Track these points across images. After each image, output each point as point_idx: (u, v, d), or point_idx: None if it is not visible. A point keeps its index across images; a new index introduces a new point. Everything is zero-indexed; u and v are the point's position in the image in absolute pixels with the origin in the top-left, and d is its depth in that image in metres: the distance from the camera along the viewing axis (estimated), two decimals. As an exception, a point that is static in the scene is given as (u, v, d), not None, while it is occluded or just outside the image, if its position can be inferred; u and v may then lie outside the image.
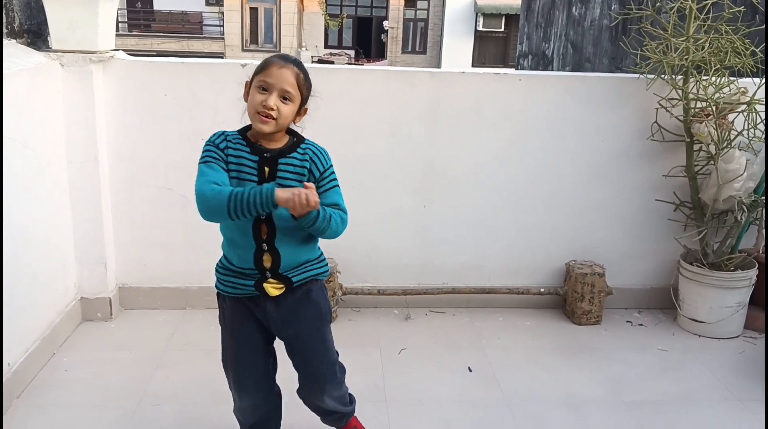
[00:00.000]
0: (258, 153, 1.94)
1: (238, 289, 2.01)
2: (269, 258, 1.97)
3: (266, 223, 1.93)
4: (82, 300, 3.25)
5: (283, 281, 2.00)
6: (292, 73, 1.89)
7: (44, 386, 2.72)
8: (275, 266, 1.98)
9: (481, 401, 2.75)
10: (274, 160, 1.93)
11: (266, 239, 1.95)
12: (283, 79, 1.88)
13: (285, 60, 1.92)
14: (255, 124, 1.91)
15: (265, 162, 1.93)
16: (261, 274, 1.98)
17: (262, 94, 1.88)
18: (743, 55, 3.17)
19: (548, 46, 7.91)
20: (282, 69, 1.88)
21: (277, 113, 1.88)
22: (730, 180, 3.20)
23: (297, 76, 1.91)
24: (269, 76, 1.88)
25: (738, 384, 2.96)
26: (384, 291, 3.48)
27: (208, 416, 2.58)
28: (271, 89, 1.88)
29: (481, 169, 3.43)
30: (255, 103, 1.88)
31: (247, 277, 1.99)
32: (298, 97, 1.92)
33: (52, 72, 2.94)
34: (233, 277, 2.01)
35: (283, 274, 2.00)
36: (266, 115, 1.88)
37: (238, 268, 2.00)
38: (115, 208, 3.28)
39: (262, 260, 1.97)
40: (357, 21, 27.68)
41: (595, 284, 3.41)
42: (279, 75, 1.88)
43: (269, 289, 2.00)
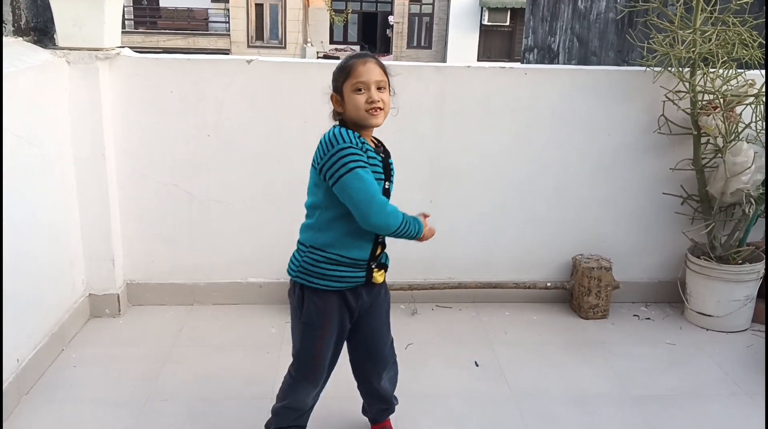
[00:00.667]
0: (378, 153, 2.09)
1: (347, 281, 2.09)
2: (380, 248, 2.14)
3: None
4: (90, 296, 3.27)
5: (383, 268, 2.19)
6: (376, 64, 2.01)
7: (53, 382, 2.74)
8: (379, 255, 2.15)
9: (488, 396, 2.76)
10: (387, 162, 2.11)
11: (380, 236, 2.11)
12: (372, 73, 1.99)
13: (363, 57, 2.01)
14: (368, 121, 2.01)
15: (386, 163, 2.10)
16: (369, 264, 2.11)
17: (361, 94, 1.98)
18: (751, 47, 3.15)
19: (554, 40, 7.88)
20: (366, 65, 1.99)
21: (382, 103, 2.00)
22: (737, 173, 3.18)
23: (381, 65, 2.02)
24: (360, 76, 1.98)
25: (746, 378, 2.95)
26: (390, 286, 3.46)
27: (216, 411, 2.59)
28: (368, 86, 1.98)
29: (487, 163, 3.43)
30: (359, 104, 1.98)
31: (358, 268, 2.09)
32: (387, 82, 2.03)
33: (59, 69, 2.95)
34: (347, 269, 2.07)
35: (380, 261, 2.17)
36: (375, 109, 1.99)
37: (353, 261, 2.08)
38: (122, 204, 3.29)
39: (376, 251, 2.12)
40: (362, 16, 27.64)
41: (602, 278, 3.41)
42: (367, 71, 1.98)
43: (377, 277, 2.15)
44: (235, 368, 2.88)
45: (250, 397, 2.67)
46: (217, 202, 3.35)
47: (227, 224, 3.39)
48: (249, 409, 2.59)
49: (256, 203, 3.37)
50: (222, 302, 3.47)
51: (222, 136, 3.26)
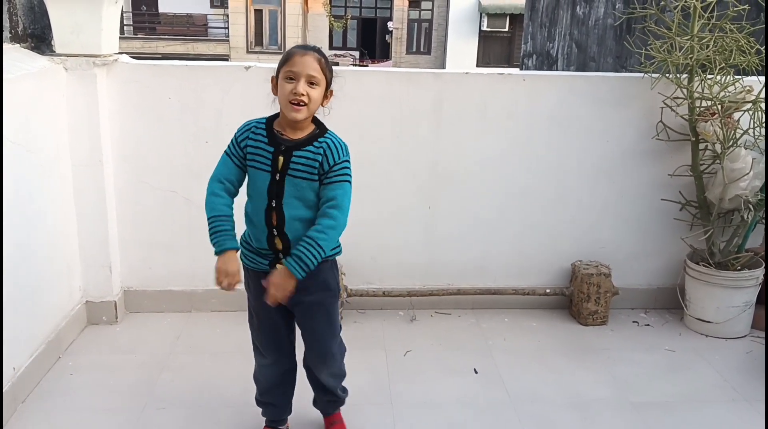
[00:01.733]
0: (275, 144, 2.06)
1: (256, 265, 2.18)
2: (280, 242, 2.10)
3: (276, 210, 2.07)
4: (88, 303, 3.26)
5: None
6: (314, 59, 2.00)
7: (50, 390, 2.73)
8: (286, 249, 2.10)
9: (487, 403, 2.75)
10: (289, 152, 2.05)
11: (276, 226, 2.08)
12: (307, 66, 1.99)
13: (305, 48, 2.03)
14: (288, 113, 2.02)
15: (279, 153, 2.05)
16: (275, 254, 2.13)
17: (290, 83, 2.00)
18: (748, 54, 3.15)
19: (553, 46, 7.89)
20: (304, 56, 1.99)
21: (308, 98, 1.99)
22: (736, 179, 3.18)
23: (319, 61, 2.02)
24: (294, 65, 1.99)
25: (746, 384, 2.94)
26: (389, 292, 3.48)
27: (214, 419, 2.58)
28: (298, 77, 1.99)
29: (485, 169, 3.42)
30: (285, 93, 2.00)
31: (263, 256, 2.15)
32: (323, 80, 2.03)
33: (56, 76, 2.95)
34: (253, 254, 2.18)
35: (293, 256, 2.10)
36: (297, 103, 1.99)
37: (255, 247, 2.15)
38: (120, 211, 3.28)
39: (274, 243, 2.11)
40: (361, 22, 27.69)
41: (601, 284, 3.40)
42: (302, 62, 1.99)
43: None
44: (233, 375, 2.87)
45: (247, 404, 2.65)
46: (215, 209, 3.33)
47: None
48: (247, 417, 2.57)
49: (254, 210, 3.35)
50: (220, 309, 3.46)
51: (220, 142, 3.21)
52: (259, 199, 2.08)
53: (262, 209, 2.08)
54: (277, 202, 2.06)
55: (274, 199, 2.06)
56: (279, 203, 2.06)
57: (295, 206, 2.06)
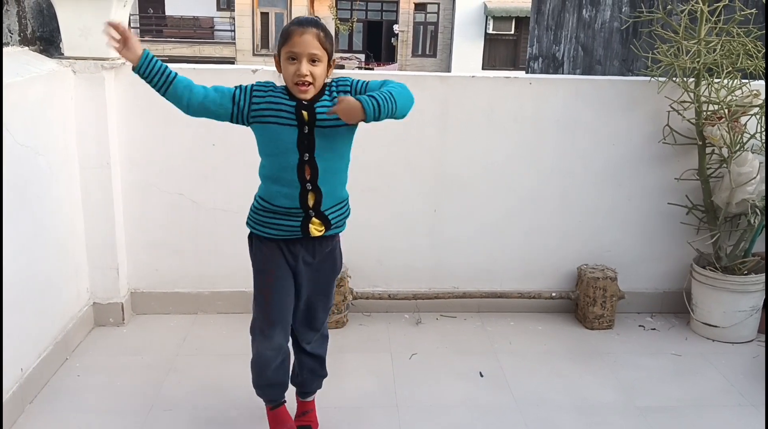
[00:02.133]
0: (295, 100, 2.05)
1: (282, 230, 2.13)
2: (313, 196, 2.10)
3: (309, 163, 2.07)
4: (95, 305, 3.27)
5: (323, 222, 2.14)
6: (313, 36, 1.99)
7: (57, 391, 2.74)
8: (317, 205, 2.11)
9: (493, 406, 2.74)
10: (311, 106, 2.05)
11: (310, 179, 2.08)
12: (307, 45, 1.98)
13: (303, 25, 2.01)
14: (296, 94, 2.04)
15: (302, 107, 2.04)
16: (305, 213, 2.11)
17: (292, 64, 2.00)
18: (755, 58, 3.14)
19: (559, 49, 7.89)
20: (303, 35, 1.98)
21: (311, 77, 2.00)
22: (743, 183, 3.17)
23: (318, 37, 2.00)
24: (294, 46, 1.99)
25: (752, 389, 2.93)
26: (395, 295, 3.48)
27: (220, 421, 2.59)
28: (300, 57, 1.99)
29: (491, 172, 3.42)
30: (289, 74, 2.01)
31: (292, 218, 2.11)
32: (324, 55, 2.03)
33: (65, 79, 2.96)
34: (277, 218, 2.13)
35: (324, 213, 2.13)
36: (303, 83, 2.00)
37: (283, 209, 2.11)
38: (127, 213, 3.30)
39: (307, 199, 2.10)
40: (367, 25, 27.72)
41: (607, 288, 3.40)
42: (302, 42, 1.98)
43: (312, 230, 2.13)
44: (239, 377, 2.86)
45: (254, 406, 2.66)
46: (222, 211, 3.35)
47: (232, 233, 3.38)
48: (253, 419, 2.58)
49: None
50: (226, 311, 3.46)
51: (227, 145, 3.26)
52: (288, 154, 2.06)
53: (293, 165, 2.06)
54: (310, 156, 2.05)
55: (306, 152, 2.05)
56: (312, 156, 2.06)
57: (328, 158, 2.08)
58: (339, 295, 3.26)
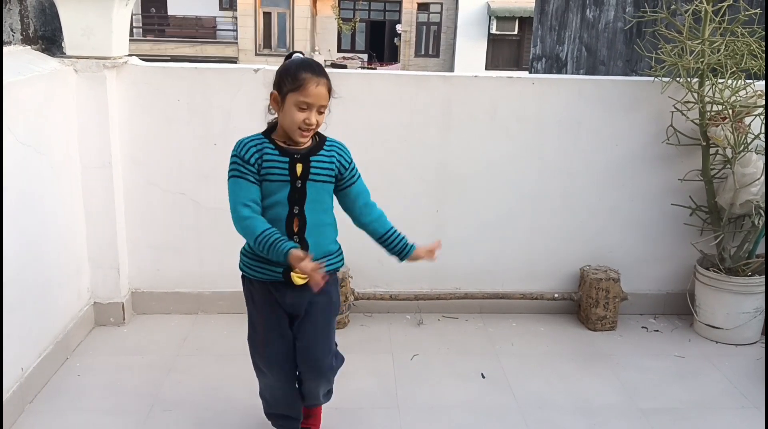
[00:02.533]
0: (287, 154, 2.07)
1: (266, 274, 2.15)
2: (300, 248, 2.08)
3: (298, 216, 2.10)
4: (95, 305, 3.26)
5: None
6: (325, 88, 2.03)
7: (57, 391, 2.74)
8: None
9: (494, 408, 2.73)
10: (306, 159, 2.08)
11: (297, 232, 2.11)
12: (321, 97, 2.02)
13: (317, 74, 2.02)
14: (296, 138, 2.05)
15: (296, 162, 2.07)
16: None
17: (302, 112, 2.01)
18: (759, 58, 3.13)
19: (562, 49, 7.87)
20: (318, 87, 2.01)
21: (316, 125, 2.05)
22: (747, 184, 3.16)
23: (328, 88, 2.05)
24: (308, 97, 2.00)
25: (755, 391, 2.91)
26: (396, 296, 3.47)
27: (221, 422, 2.58)
28: (311, 108, 2.01)
29: (494, 172, 3.41)
30: (295, 119, 2.01)
31: (275, 264, 2.11)
32: (328, 104, 2.07)
33: (67, 78, 2.96)
34: (262, 263, 2.14)
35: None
36: (308, 130, 2.04)
37: (264, 257, 2.11)
38: (129, 213, 3.29)
39: None
40: (370, 25, 27.73)
41: (610, 289, 3.38)
42: (317, 94, 2.01)
43: (295, 279, 2.11)
44: (239, 378, 2.86)
45: (254, 407, 2.65)
46: (223, 211, 3.29)
47: (233, 233, 3.35)
48: (253, 420, 2.57)
49: (262, 212, 3.35)
50: (227, 311, 3.46)
51: (229, 144, 3.19)
52: (278, 207, 2.09)
53: (282, 217, 2.09)
54: (299, 209, 2.09)
55: (296, 205, 2.09)
56: (301, 209, 2.09)
57: (316, 210, 2.11)
58: (341, 296, 3.24)
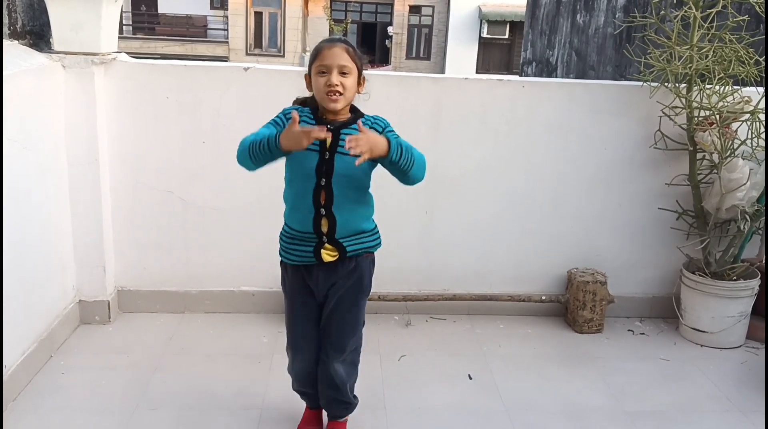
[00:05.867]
0: (323, 124, 2.07)
1: (299, 256, 2.17)
2: (326, 223, 2.12)
3: (325, 189, 2.08)
4: (81, 303, 3.24)
5: (337, 248, 2.15)
6: (342, 50, 2.04)
7: (41, 390, 2.71)
8: (332, 231, 2.13)
9: (481, 409, 2.73)
10: (337, 131, 2.07)
11: (324, 204, 2.10)
12: (336, 57, 2.03)
13: (332, 41, 2.07)
14: (326, 104, 2.06)
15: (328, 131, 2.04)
16: (318, 238, 2.13)
17: (323, 76, 2.03)
18: (747, 64, 3.15)
19: (552, 54, 7.90)
20: (333, 48, 2.03)
21: (342, 88, 2.03)
22: (733, 189, 3.18)
23: (347, 50, 2.05)
24: (324, 59, 2.03)
25: (740, 394, 2.93)
26: (384, 297, 3.46)
27: (206, 421, 2.56)
28: (330, 69, 2.02)
29: (483, 174, 3.42)
30: (320, 86, 2.04)
31: (306, 243, 2.14)
32: (354, 68, 2.06)
33: (54, 73, 2.93)
34: (295, 244, 2.17)
35: (338, 240, 2.14)
36: (333, 92, 2.03)
37: (299, 233, 2.15)
38: (115, 210, 3.27)
39: (320, 224, 2.11)
40: (361, 26, 27.72)
41: (597, 292, 3.39)
42: (332, 55, 2.03)
43: (324, 256, 2.14)
44: (225, 378, 2.85)
45: (240, 407, 2.65)
46: (211, 210, 3.33)
47: (221, 232, 3.37)
48: (239, 420, 2.56)
49: (250, 211, 3.35)
50: (214, 311, 3.44)
51: (217, 143, 3.24)
52: (306, 179, 2.08)
53: (310, 189, 2.08)
54: (326, 181, 2.07)
55: (323, 177, 2.07)
56: (328, 182, 2.07)
57: (345, 185, 2.09)
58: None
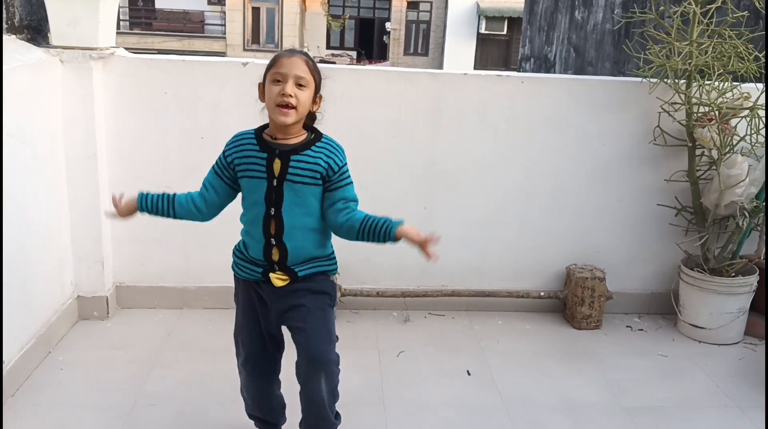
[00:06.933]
0: (268, 150, 1.99)
1: (249, 273, 2.13)
2: (277, 252, 2.05)
3: (275, 218, 2.01)
4: (79, 298, 3.23)
5: (288, 274, 2.08)
6: (301, 60, 1.95)
7: (39, 385, 2.71)
8: (283, 260, 2.06)
9: (480, 405, 2.74)
10: (286, 156, 1.97)
11: (274, 234, 2.03)
12: (294, 67, 1.93)
13: (291, 51, 1.98)
14: (276, 117, 1.94)
15: (274, 158, 1.98)
16: (269, 265, 2.07)
17: (277, 85, 1.92)
18: (746, 60, 3.16)
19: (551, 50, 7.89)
20: (291, 58, 1.94)
21: (296, 100, 1.92)
22: (732, 185, 3.18)
23: (306, 63, 1.96)
24: (281, 67, 1.93)
25: (738, 391, 2.94)
26: (383, 293, 3.46)
27: (204, 417, 2.56)
28: (286, 78, 1.92)
29: (482, 170, 3.42)
30: (272, 95, 1.93)
31: (257, 265, 2.10)
32: (311, 82, 1.96)
33: (52, 68, 2.92)
34: (246, 263, 2.13)
35: (290, 267, 2.07)
36: (285, 105, 1.91)
37: (251, 257, 2.11)
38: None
39: (270, 253, 2.05)
40: (359, 22, 27.69)
41: (596, 288, 3.40)
42: (290, 64, 1.93)
43: (274, 280, 2.08)
44: (224, 373, 2.84)
45: (238, 403, 2.64)
46: (209, 205, 3.31)
47: (219, 227, 3.33)
48: (237, 415, 2.55)
49: (248, 207, 3.34)
50: (212, 306, 3.43)
51: (216, 138, 3.19)
52: (256, 208, 2.01)
53: (260, 218, 2.01)
54: (276, 210, 1.99)
55: (272, 206, 1.99)
56: (278, 211, 1.99)
57: (296, 213, 2.00)
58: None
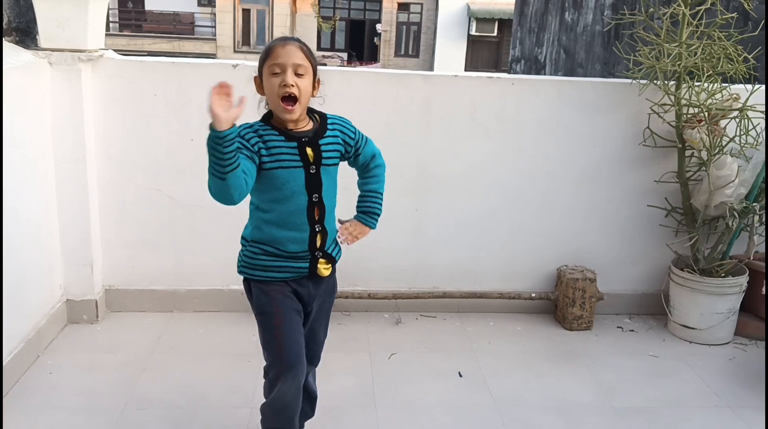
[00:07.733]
0: (293, 139, 1.95)
1: (291, 272, 2.04)
2: (321, 238, 2.04)
3: (318, 205, 2.00)
4: (68, 302, 3.21)
5: (329, 260, 2.10)
6: (296, 48, 1.91)
7: (28, 389, 2.68)
8: (323, 245, 2.06)
9: (471, 406, 2.73)
10: (315, 143, 1.97)
11: (318, 220, 2.02)
12: (291, 55, 1.89)
13: (284, 39, 1.94)
14: (282, 114, 1.92)
15: (304, 145, 1.95)
16: (313, 255, 2.04)
17: (276, 77, 1.89)
18: (736, 62, 3.17)
19: (541, 51, 7.92)
20: (286, 46, 1.90)
21: (298, 90, 1.89)
22: (721, 186, 3.20)
23: (302, 49, 1.93)
24: (277, 58, 1.89)
25: (728, 391, 2.95)
26: (374, 295, 3.46)
27: (194, 421, 2.55)
28: (284, 68, 1.89)
29: (473, 172, 3.42)
30: (273, 88, 1.89)
31: (300, 260, 2.04)
32: (309, 68, 1.94)
33: (41, 70, 2.90)
34: (284, 262, 2.03)
35: (327, 252, 2.09)
36: (288, 97, 1.89)
37: (291, 253, 2.02)
38: (103, 208, 3.24)
39: (316, 241, 2.03)
40: (350, 24, 27.68)
41: (586, 289, 3.40)
42: (286, 53, 1.89)
43: (321, 270, 2.07)
44: (214, 377, 2.84)
45: (229, 406, 2.63)
46: (199, 208, 3.30)
47: (209, 230, 3.34)
48: (228, 419, 2.55)
49: (239, 209, 3.32)
50: (203, 309, 3.42)
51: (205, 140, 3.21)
52: (296, 197, 1.96)
53: (302, 208, 1.97)
54: (318, 196, 1.98)
55: (315, 193, 1.97)
56: (320, 197, 1.98)
57: (330, 195, 2.02)
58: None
